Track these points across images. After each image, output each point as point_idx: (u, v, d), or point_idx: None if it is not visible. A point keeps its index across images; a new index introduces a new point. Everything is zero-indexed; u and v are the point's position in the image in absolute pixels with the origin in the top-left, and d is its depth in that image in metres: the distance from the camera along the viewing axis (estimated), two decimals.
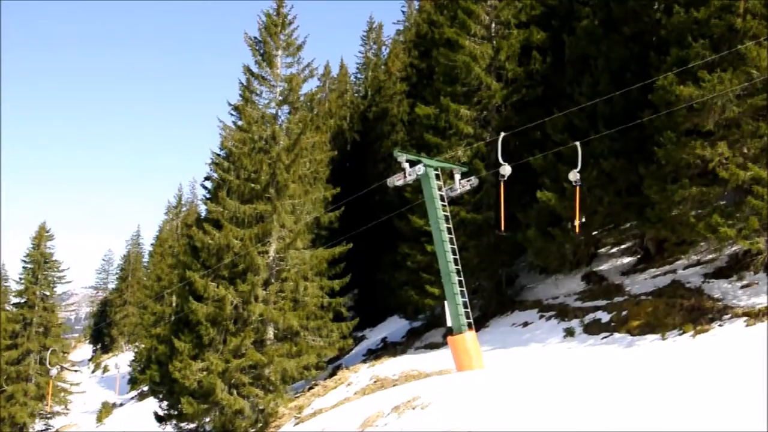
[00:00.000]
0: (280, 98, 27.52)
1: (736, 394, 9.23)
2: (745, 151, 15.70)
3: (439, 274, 18.78)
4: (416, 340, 29.94)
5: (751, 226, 14.87)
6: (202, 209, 45.15)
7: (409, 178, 18.61)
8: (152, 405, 36.25)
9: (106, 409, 58.02)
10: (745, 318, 14.73)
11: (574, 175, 15.38)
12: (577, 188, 16.25)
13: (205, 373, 23.65)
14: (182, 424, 29.68)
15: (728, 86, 15.14)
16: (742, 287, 17.09)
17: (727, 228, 15.23)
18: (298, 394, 26.38)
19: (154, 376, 32.21)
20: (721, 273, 18.74)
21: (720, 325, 15.09)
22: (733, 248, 17.98)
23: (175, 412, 29.43)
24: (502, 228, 19.63)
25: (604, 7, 22.00)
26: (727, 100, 15.45)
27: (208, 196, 30.87)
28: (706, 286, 18.19)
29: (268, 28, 27.39)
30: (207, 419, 26.13)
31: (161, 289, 56.10)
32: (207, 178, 31.62)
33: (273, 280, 25.63)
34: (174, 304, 41.77)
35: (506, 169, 18.28)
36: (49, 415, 50.50)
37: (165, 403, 31.38)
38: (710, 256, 19.68)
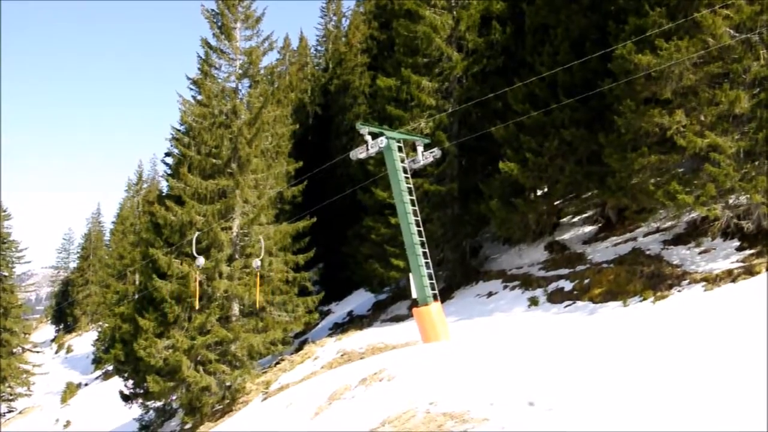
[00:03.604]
0: (240, 72, 27.17)
1: (693, 359, 9.41)
2: (702, 118, 15.87)
3: (403, 246, 18.78)
4: (382, 312, 30.06)
5: (708, 193, 15.08)
6: (164, 186, 44.64)
7: (372, 151, 18.48)
8: (118, 384, 36.00)
9: (71, 389, 57.46)
10: (703, 283, 15.02)
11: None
12: None
13: (170, 350, 23.50)
14: (149, 403, 29.62)
15: (685, 54, 15.25)
16: (700, 253, 17.43)
17: (685, 195, 15.45)
18: (265, 370, 26.37)
19: (119, 355, 31.85)
20: (679, 240, 19.09)
21: (679, 291, 15.37)
22: (691, 215, 18.29)
23: (141, 391, 29.34)
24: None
25: None
26: (684, 68, 15.57)
27: (169, 172, 30.48)
28: (666, 253, 18.51)
29: (225, 0, 26.92)
30: (174, 397, 26.10)
31: (124, 267, 55.50)
32: (168, 154, 31.18)
33: (237, 256, 25.44)
34: (137, 282, 41.31)
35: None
36: (11, 397, 49.89)
37: (130, 382, 31.23)
38: (669, 224, 20.00)
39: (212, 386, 23.88)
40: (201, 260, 20.45)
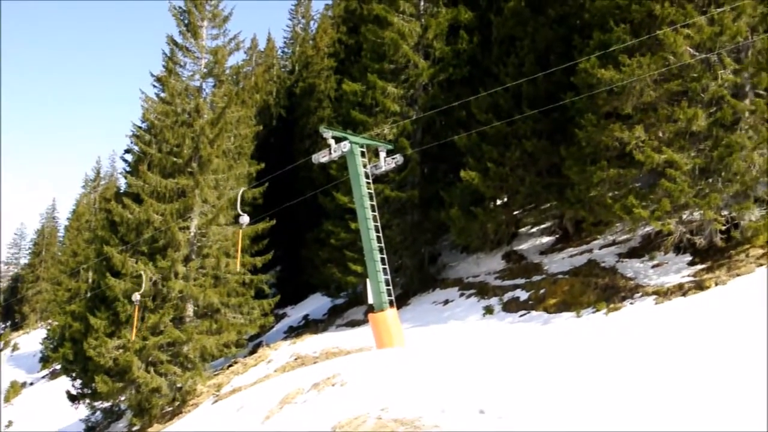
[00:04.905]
0: (205, 71, 26.98)
1: (640, 371, 9.50)
2: (660, 134, 16.12)
3: (362, 251, 18.70)
4: (338, 317, 29.94)
5: (663, 208, 15.30)
6: (122, 183, 43.92)
7: (335, 155, 18.38)
8: (65, 384, 35.16)
9: (15, 388, 55.95)
10: (655, 296, 15.21)
11: None
12: None
13: (121, 350, 23.09)
14: (96, 403, 28.99)
15: (646, 71, 15.50)
16: (653, 267, 17.67)
17: (641, 209, 15.65)
18: (217, 372, 26.00)
19: (68, 354, 31.13)
20: (634, 253, 19.34)
21: (631, 303, 15.54)
22: (646, 229, 18.55)
23: (89, 391, 28.70)
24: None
25: None
26: (645, 84, 15.81)
27: (128, 169, 30.14)
28: (620, 266, 18.73)
29: None
30: (122, 398, 25.60)
31: (77, 264, 54.33)
32: (127, 151, 30.70)
33: (194, 257, 25.12)
34: (90, 280, 40.60)
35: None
36: None
37: (78, 381, 30.57)
38: (624, 237, 20.29)
39: (163, 388, 23.47)
40: (246, 218, 19.43)
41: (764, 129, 15.12)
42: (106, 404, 28.36)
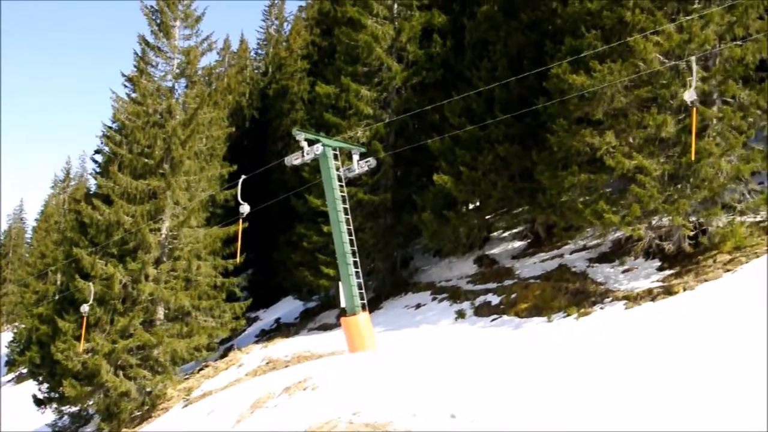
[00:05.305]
0: (177, 71, 26.76)
1: (610, 375, 9.58)
2: (631, 140, 16.29)
3: (334, 254, 18.63)
4: (310, 321, 29.81)
5: (634, 213, 15.45)
6: (92, 184, 43.34)
7: (307, 158, 18.34)
8: (31, 388, 34.52)
9: None
10: (625, 301, 15.35)
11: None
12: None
13: (89, 354, 22.75)
14: (63, 408, 28.51)
15: (617, 77, 15.65)
16: (623, 272, 17.84)
17: (611, 214, 15.79)
18: (187, 376, 25.74)
19: (35, 358, 30.64)
20: (604, 258, 19.52)
21: (602, 308, 15.66)
22: (617, 234, 18.70)
23: (56, 395, 28.21)
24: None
25: None
26: (615, 90, 15.96)
27: (98, 170, 29.83)
28: (591, 270, 18.89)
29: None
30: (90, 402, 25.22)
31: (45, 266, 53.40)
32: (97, 152, 30.37)
33: (165, 259, 24.88)
34: (58, 283, 39.89)
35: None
36: None
37: (45, 385, 30.03)
38: (595, 242, 20.48)
39: (132, 391, 23.18)
40: (246, 207, 19.26)
41: (732, 136, 15.34)
42: (74, 409, 27.92)
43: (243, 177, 19.45)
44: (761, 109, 15.45)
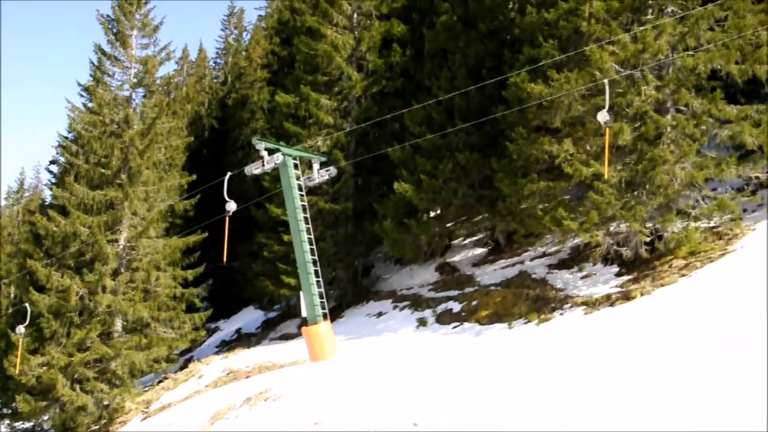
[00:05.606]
0: (135, 80, 26.45)
1: (570, 380, 9.66)
2: (588, 148, 16.51)
3: (295, 264, 18.54)
4: (271, 331, 29.57)
5: (591, 220, 15.64)
6: (47, 195, 42.60)
7: (268, 167, 18.30)
8: None
9: None
10: (584, 307, 15.52)
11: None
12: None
13: (45, 368, 22.26)
14: (17, 424, 27.76)
15: (574, 86, 15.85)
16: (582, 278, 18.05)
17: (570, 221, 15.96)
18: (146, 388, 25.34)
19: None
20: (563, 264, 19.73)
21: (561, 314, 15.81)
22: (575, 240, 18.95)
23: (9, 411, 27.50)
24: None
25: (462, 3, 22.50)
26: (573, 99, 16.17)
27: (53, 181, 29.58)
28: (550, 277, 19.08)
29: (122, 7, 26.27)
30: (45, 417, 24.68)
31: None
32: (53, 162, 29.99)
33: (123, 270, 24.49)
34: (12, 296, 38.86)
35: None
36: None
37: None
38: (554, 248, 20.71)
39: (89, 405, 22.72)
40: (232, 205, 18.92)
41: (685, 144, 15.66)
42: (28, 424, 27.20)
43: (229, 173, 19.18)
44: (713, 117, 15.81)
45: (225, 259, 21.75)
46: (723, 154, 16.40)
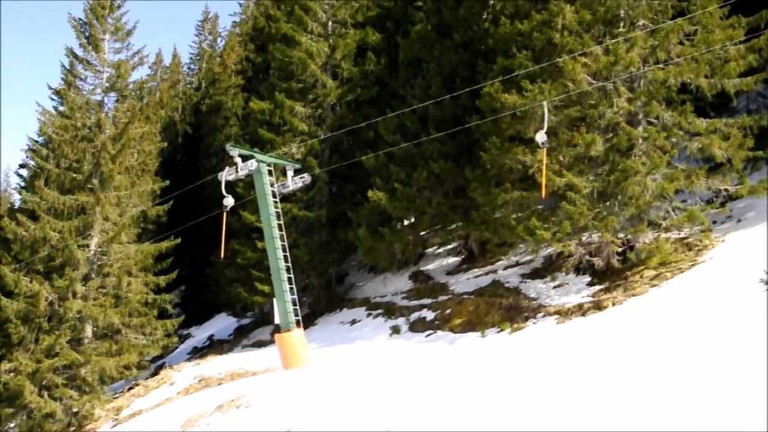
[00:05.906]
0: (107, 85, 26.14)
1: (543, 389, 9.72)
2: (561, 158, 16.67)
3: (269, 271, 18.50)
4: (244, 338, 29.39)
5: (564, 229, 15.77)
6: (16, 199, 42.00)
7: (241, 173, 18.26)
8: None
9: None
10: (556, 316, 15.64)
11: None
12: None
13: (12, 374, 21.85)
14: None
15: (548, 96, 15.99)
16: (555, 287, 18.19)
17: (543, 231, 16.07)
18: (117, 395, 25.00)
19: None
20: (536, 274, 19.86)
21: (534, 323, 15.92)
22: (548, 250, 19.10)
23: None
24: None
25: (437, 12, 22.66)
26: (546, 109, 16.34)
27: (23, 184, 29.10)
28: (523, 286, 19.19)
29: (94, 10, 25.91)
30: (12, 425, 24.16)
31: None
32: (22, 166, 29.57)
33: (94, 276, 24.18)
34: None
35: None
36: None
37: None
38: (528, 258, 20.82)
39: (57, 412, 22.33)
40: (230, 200, 18.59)
41: (656, 155, 15.88)
42: None
43: (227, 169, 19.02)
44: (683, 130, 16.05)
45: (222, 255, 21.62)
46: (693, 166, 16.67)
